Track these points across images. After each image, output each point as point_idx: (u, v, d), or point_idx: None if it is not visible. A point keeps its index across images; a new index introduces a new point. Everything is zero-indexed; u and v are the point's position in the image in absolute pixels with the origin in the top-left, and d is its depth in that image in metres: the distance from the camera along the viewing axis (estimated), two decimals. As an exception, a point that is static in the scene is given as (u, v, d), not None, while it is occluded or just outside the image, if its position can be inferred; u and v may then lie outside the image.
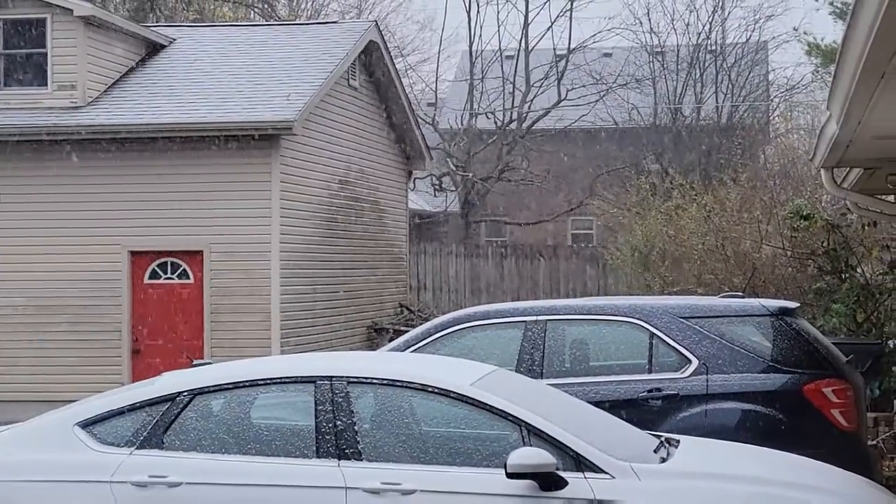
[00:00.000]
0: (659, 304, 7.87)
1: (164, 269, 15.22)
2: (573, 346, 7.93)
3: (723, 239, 14.77)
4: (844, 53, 5.04)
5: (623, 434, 5.87)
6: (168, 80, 16.37)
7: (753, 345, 7.68)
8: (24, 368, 15.19)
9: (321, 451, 5.37)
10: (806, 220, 12.49)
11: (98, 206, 15.17)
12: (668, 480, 5.26)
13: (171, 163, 15.16)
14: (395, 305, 19.39)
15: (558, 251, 25.45)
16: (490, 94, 30.56)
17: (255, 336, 14.87)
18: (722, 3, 31.03)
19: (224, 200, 15.01)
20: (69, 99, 15.52)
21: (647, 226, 17.44)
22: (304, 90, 15.57)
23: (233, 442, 5.50)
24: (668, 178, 22.59)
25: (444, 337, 7.91)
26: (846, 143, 7.43)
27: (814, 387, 7.41)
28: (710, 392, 7.42)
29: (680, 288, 14.54)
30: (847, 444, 7.31)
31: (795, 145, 26.28)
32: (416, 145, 19.76)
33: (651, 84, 30.54)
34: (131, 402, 5.63)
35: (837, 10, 19.89)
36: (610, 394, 7.49)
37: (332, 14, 31.94)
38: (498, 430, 5.39)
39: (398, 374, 5.60)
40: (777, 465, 5.77)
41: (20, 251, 15.24)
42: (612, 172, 28.69)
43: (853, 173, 9.45)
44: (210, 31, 18.77)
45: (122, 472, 5.41)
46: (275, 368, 5.88)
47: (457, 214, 30.85)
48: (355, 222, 17.67)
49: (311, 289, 15.98)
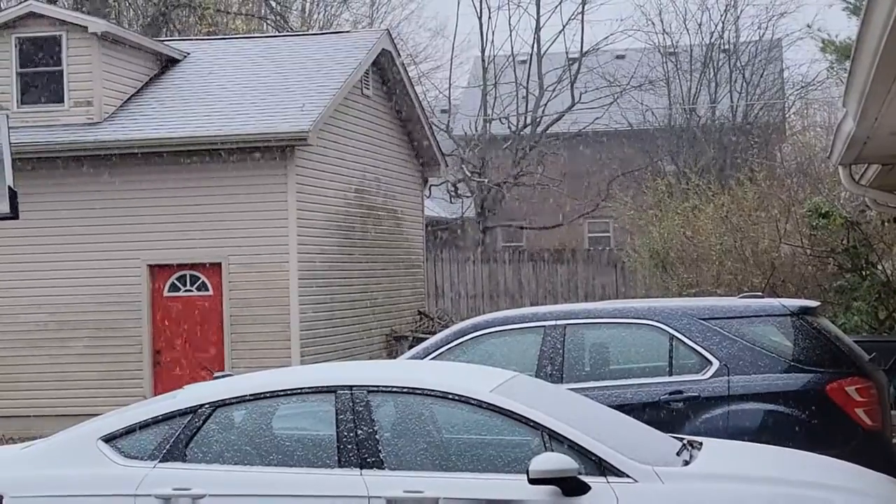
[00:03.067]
0: (678, 306, 7.84)
1: (184, 282, 15.28)
2: (593, 350, 7.91)
3: (741, 239, 14.71)
4: (859, 50, 5.02)
5: (645, 437, 5.85)
6: (183, 94, 16.45)
7: (774, 345, 7.64)
8: (46, 383, 15.27)
9: (343, 460, 5.38)
10: (825, 217, 12.43)
11: (116, 220, 15.24)
12: (691, 483, 5.24)
13: (188, 176, 15.23)
14: (413, 313, 19.40)
15: (575, 255, 25.40)
16: (503, 100, 30.56)
17: (274, 347, 14.90)
18: (734, 2, 30.98)
19: (241, 212, 15.06)
20: (86, 115, 15.61)
21: (664, 227, 17.39)
22: (317, 100, 15.62)
23: (255, 453, 5.51)
24: (685, 178, 22.52)
25: (463, 343, 7.91)
26: (863, 140, 7.40)
27: (836, 386, 7.36)
28: (732, 393, 7.39)
29: (699, 289, 14.49)
30: (871, 442, 7.27)
31: (812, 143, 26.14)
32: (430, 152, 19.77)
33: (665, 85, 30.47)
34: (154, 415, 5.65)
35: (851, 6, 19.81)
36: (631, 397, 7.47)
37: (344, 24, 32.03)
38: (519, 435, 5.38)
39: (418, 381, 5.60)
40: (801, 466, 5.74)
41: (40, 267, 15.33)
42: (628, 174, 28.62)
43: (871, 170, 9.40)
44: (223, 44, 18.86)
45: (146, 485, 5.43)
46: (295, 379, 5.89)
47: (473, 220, 30.85)
48: (372, 231, 17.70)
49: (330, 298, 16.01)
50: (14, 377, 15.29)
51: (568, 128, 30.12)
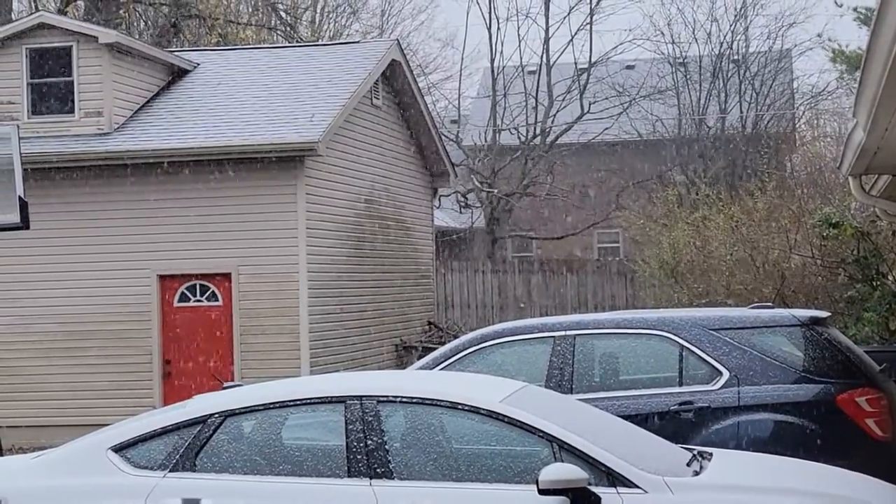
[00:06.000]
0: (688, 317, 7.83)
1: (193, 292, 15.30)
2: (603, 360, 7.90)
3: (751, 249, 14.68)
4: (870, 60, 5.01)
5: (655, 448, 5.83)
6: (193, 104, 16.50)
7: (785, 355, 7.62)
8: (56, 393, 15.30)
9: (353, 470, 5.38)
10: (835, 228, 12.40)
11: (126, 230, 15.28)
12: (701, 494, 5.22)
13: (198, 186, 15.26)
14: (422, 323, 19.39)
15: (585, 265, 25.38)
16: (513, 110, 30.59)
17: (284, 357, 14.91)
18: (744, 12, 30.95)
19: (251, 222, 15.09)
20: (96, 125, 15.67)
21: (673, 237, 17.37)
22: (327, 111, 15.65)
23: (264, 463, 5.51)
24: (694, 188, 22.50)
25: (472, 354, 7.90)
26: (874, 150, 7.38)
27: (847, 396, 7.34)
28: (742, 404, 7.37)
29: (709, 300, 14.45)
30: (882, 453, 7.23)
31: (822, 153, 26.10)
32: (440, 162, 19.79)
33: (674, 95, 30.45)
34: (163, 425, 5.66)
35: (861, 16, 19.81)
36: (641, 408, 7.45)
37: (354, 34, 32.10)
38: (529, 446, 5.38)
39: (428, 392, 5.60)
40: (810, 477, 5.72)
41: (50, 277, 15.37)
42: (638, 185, 28.61)
43: (882, 180, 9.38)
44: (233, 54, 18.92)
45: (156, 495, 5.43)
46: (305, 389, 5.89)
47: (483, 231, 30.85)
48: (381, 241, 17.71)
49: (339, 308, 16.01)
50: (24, 387, 15.32)
51: (577, 138, 30.12)
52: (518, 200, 30.26)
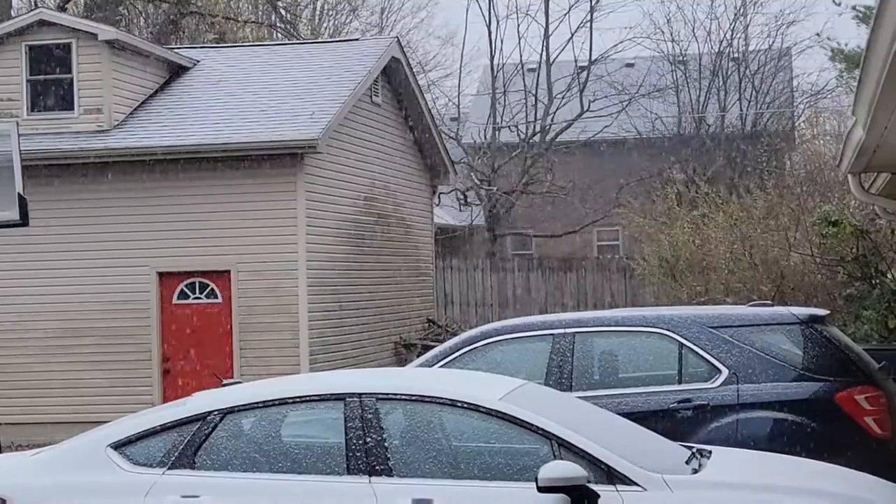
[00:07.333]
0: (688, 315, 7.84)
1: (193, 290, 15.30)
2: (602, 358, 7.90)
3: (750, 247, 14.68)
4: (869, 58, 5.02)
5: (654, 445, 5.84)
6: (192, 102, 16.50)
7: (784, 353, 7.63)
8: (55, 390, 15.30)
9: (352, 467, 5.38)
10: (834, 226, 12.40)
11: (126, 227, 15.28)
12: (700, 491, 5.23)
13: (197, 183, 15.26)
14: (422, 321, 19.40)
15: (585, 263, 25.39)
16: (513, 108, 30.57)
17: (283, 354, 14.91)
18: (743, 10, 30.94)
19: (250, 220, 15.09)
20: (95, 123, 15.66)
21: (673, 235, 17.37)
22: (327, 108, 15.65)
23: (264, 460, 5.52)
24: (694, 186, 22.50)
25: (472, 351, 7.91)
26: (873, 148, 7.39)
27: (846, 394, 7.35)
28: (741, 402, 7.38)
29: (708, 297, 14.46)
30: (881, 451, 7.24)
31: (822, 151, 26.13)
32: (439, 160, 19.79)
33: (674, 93, 30.44)
34: (163, 422, 5.66)
35: (861, 15, 19.80)
36: (640, 405, 7.46)
37: (353, 32, 32.11)
38: (528, 444, 5.38)
39: (427, 389, 5.61)
40: (809, 474, 5.72)
41: (49, 274, 15.37)
42: (637, 183, 28.61)
43: (881, 178, 9.38)
44: (233, 51, 18.91)
45: (155, 492, 5.43)
46: (304, 386, 5.90)
47: (482, 228, 30.85)
48: (381, 238, 17.71)
49: (339, 306, 16.02)
50: (23, 384, 15.32)
51: (577, 136, 30.12)
52: (517, 198, 30.26)
